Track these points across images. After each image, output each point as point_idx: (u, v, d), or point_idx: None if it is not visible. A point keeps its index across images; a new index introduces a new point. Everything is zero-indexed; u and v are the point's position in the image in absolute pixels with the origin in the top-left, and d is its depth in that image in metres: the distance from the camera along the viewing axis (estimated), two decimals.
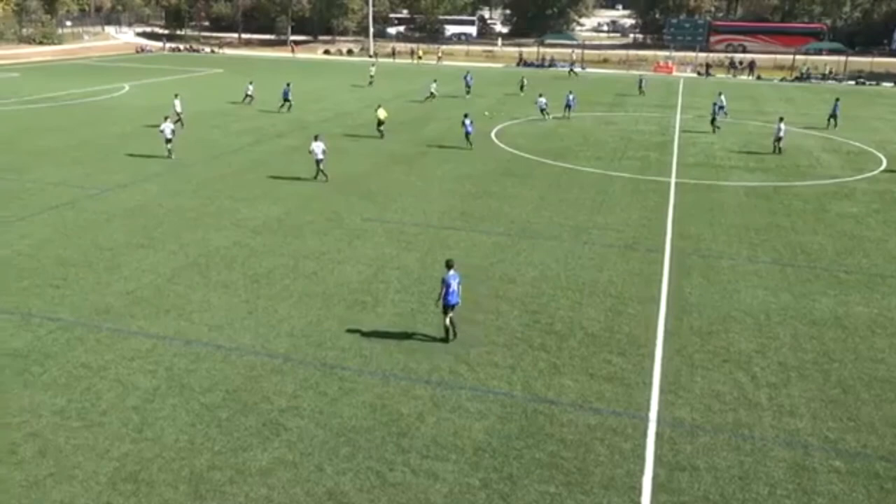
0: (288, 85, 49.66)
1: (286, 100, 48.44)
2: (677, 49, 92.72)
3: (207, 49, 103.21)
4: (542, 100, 47.82)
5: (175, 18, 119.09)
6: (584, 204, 28.27)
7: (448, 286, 16.30)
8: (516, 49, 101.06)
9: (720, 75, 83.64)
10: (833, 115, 47.51)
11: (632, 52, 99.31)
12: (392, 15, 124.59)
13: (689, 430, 13.75)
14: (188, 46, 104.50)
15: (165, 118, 34.76)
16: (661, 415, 14.15)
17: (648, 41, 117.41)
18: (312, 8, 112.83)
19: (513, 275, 20.90)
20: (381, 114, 40.44)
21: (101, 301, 18.45)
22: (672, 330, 17.73)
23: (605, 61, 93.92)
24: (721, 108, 48.05)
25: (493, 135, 42.02)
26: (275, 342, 16.57)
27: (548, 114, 47.70)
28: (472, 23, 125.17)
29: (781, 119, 39.71)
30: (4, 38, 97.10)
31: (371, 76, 66.82)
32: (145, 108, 48.53)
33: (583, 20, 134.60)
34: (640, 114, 52.53)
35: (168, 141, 33.63)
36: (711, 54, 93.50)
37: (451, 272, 16.43)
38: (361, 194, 28.83)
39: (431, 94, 55.14)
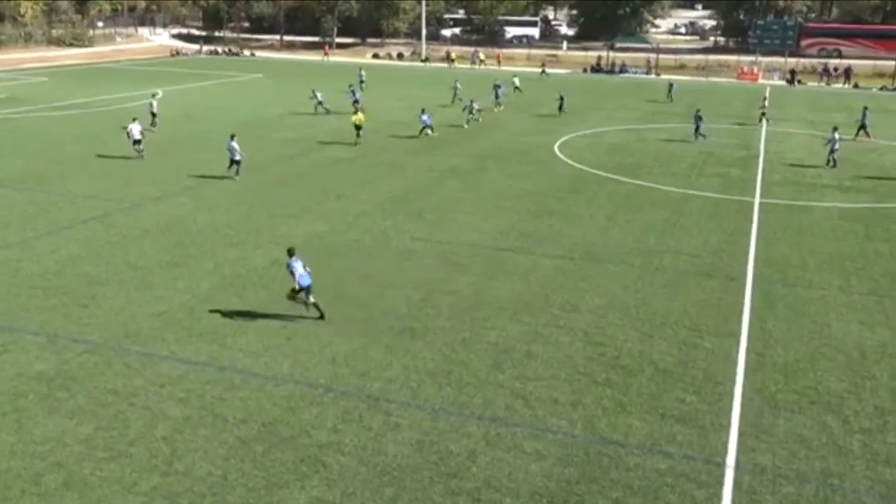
0: (352, 86, 52.31)
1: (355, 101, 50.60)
2: (763, 53, 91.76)
3: (247, 52, 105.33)
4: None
5: (213, 19, 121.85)
6: (657, 225, 28.17)
7: (295, 270, 18.75)
8: (583, 53, 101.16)
9: (811, 83, 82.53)
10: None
11: (712, 57, 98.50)
12: (447, 15, 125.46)
13: (772, 478, 13.60)
14: (226, 49, 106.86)
15: (133, 119, 36.12)
16: (739, 461, 14.02)
17: (731, 45, 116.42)
18: (361, 7, 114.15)
19: (575, 302, 20.92)
20: (358, 119, 41.41)
21: (131, 323, 18.99)
22: (753, 367, 17.55)
23: (681, 67, 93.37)
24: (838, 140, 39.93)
25: (556, 148, 42.14)
26: (315, 371, 16.86)
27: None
28: (534, 24, 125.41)
29: (836, 129, 39.22)
30: (33, 39, 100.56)
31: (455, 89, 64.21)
32: (180, 116, 49.79)
33: (658, 21, 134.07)
34: (720, 126, 52.11)
35: (137, 142, 35.32)
36: (802, 59, 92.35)
37: (294, 258, 18.92)
38: (411, 212, 29.17)
39: (497, 99, 55.81)
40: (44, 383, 16.07)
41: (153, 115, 43.70)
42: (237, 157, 32.86)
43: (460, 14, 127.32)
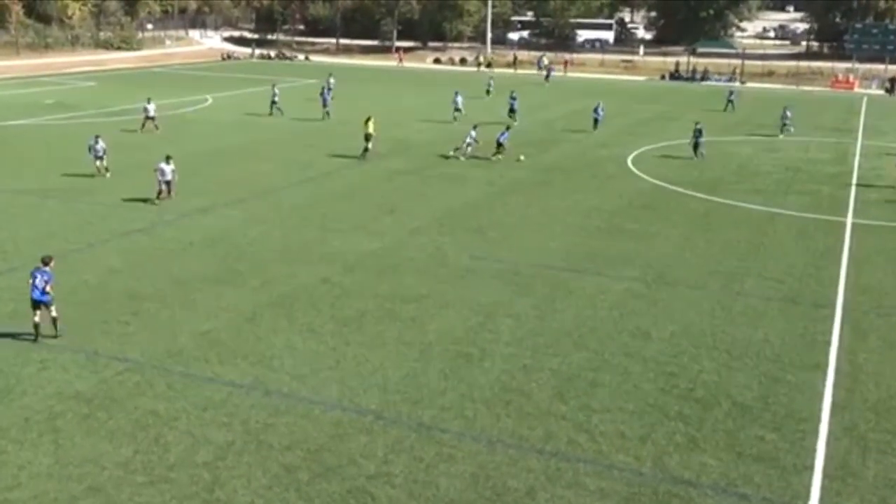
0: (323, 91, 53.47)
1: (512, 111, 52.50)
2: (861, 60, 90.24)
3: (301, 56, 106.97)
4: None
5: (267, 21, 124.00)
6: (738, 247, 27.89)
7: (33, 279, 18.70)
8: (661, 58, 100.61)
9: None
10: None
11: (803, 64, 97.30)
12: (514, 18, 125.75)
13: None
14: (279, 53, 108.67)
15: (97, 137, 35.73)
16: None
17: (825, 50, 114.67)
18: (422, 9, 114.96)
19: (647, 329, 20.82)
20: (370, 128, 41.03)
21: (174, 342, 19.43)
22: (841, 403, 17.26)
23: (770, 74, 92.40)
24: None
25: (629, 161, 41.99)
26: (364, 397, 17.04)
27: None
28: (608, 27, 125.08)
29: None
30: (80, 42, 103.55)
31: (489, 88, 68.09)
32: (230, 124, 50.87)
33: (744, 24, 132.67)
34: (811, 139, 51.40)
35: (99, 159, 35.44)
36: None
37: (43, 268, 18.92)
38: (471, 228, 29.35)
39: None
40: (83, 403, 16.51)
41: (151, 118, 46.44)
42: (168, 178, 31.41)
43: (529, 16, 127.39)
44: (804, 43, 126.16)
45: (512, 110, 53.74)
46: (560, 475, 14.50)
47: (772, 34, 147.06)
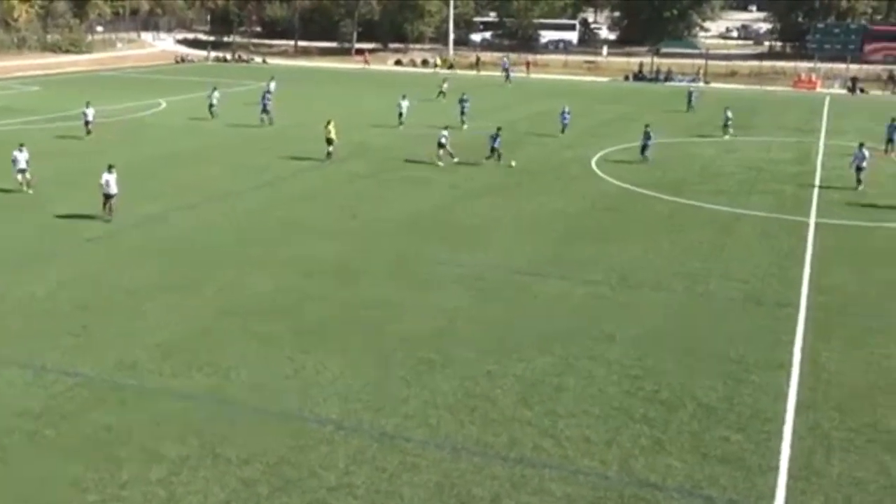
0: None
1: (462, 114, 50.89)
2: (823, 60, 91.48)
3: (258, 59, 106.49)
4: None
5: (222, 23, 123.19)
6: (702, 248, 28.15)
7: None
8: (625, 59, 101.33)
9: (874, 92, 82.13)
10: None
11: (766, 64, 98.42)
12: (477, 18, 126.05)
13: None
14: (236, 56, 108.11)
15: (21, 145, 33.63)
16: None
17: (788, 50, 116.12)
18: (382, 10, 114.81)
19: (611, 332, 20.93)
20: (330, 132, 40.80)
21: (126, 354, 19.16)
22: (805, 403, 17.48)
23: (733, 74, 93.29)
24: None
25: (593, 163, 42.23)
26: (325, 406, 16.95)
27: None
28: (572, 28, 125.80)
29: (862, 145, 37.74)
30: (27, 45, 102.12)
31: (442, 89, 67.15)
32: (184, 128, 50.49)
33: (708, 24, 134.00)
34: (774, 139, 52.02)
35: (21, 171, 33.17)
36: (865, 66, 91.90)
37: None
38: (434, 232, 29.36)
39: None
40: (30, 420, 16.22)
41: (87, 123, 45.48)
42: (112, 191, 29.62)
43: (492, 17, 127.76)
44: (767, 43, 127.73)
45: (462, 113, 52.43)
46: (525, 482, 14.52)
47: (735, 34, 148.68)
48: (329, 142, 40.68)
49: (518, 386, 17.91)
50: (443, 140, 40.54)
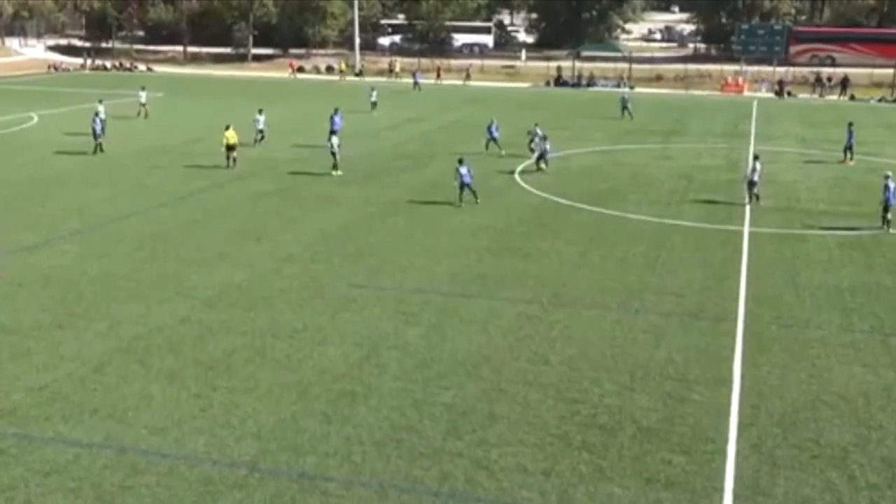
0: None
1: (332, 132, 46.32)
2: (749, 62, 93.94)
3: (143, 66, 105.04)
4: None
5: (100, 28, 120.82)
6: (635, 261, 28.66)
7: None
8: (545, 63, 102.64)
9: (803, 95, 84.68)
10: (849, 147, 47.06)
11: (692, 67, 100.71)
12: (385, 21, 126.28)
13: None
14: (117, 63, 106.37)
15: None
16: None
17: (713, 52, 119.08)
18: (280, 12, 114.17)
19: (544, 353, 21.16)
20: (231, 137, 41.53)
21: (6, 399, 18.58)
22: (747, 420, 17.92)
23: (658, 78, 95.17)
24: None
25: (517, 175, 42.65)
26: (236, 447, 16.77)
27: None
28: (487, 30, 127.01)
29: (757, 157, 37.66)
30: None
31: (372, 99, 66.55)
32: (60, 144, 49.29)
33: (629, 26, 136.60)
34: (704, 145, 53.30)
35: None
36: (792, 68, 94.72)
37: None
38: (348, 254, 29.28)
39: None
40: None
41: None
42: None
43: (401, 19, 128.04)
44: (691, 45, 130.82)
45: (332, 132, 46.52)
46: None
47: (658, 36, 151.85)
48: (230, 148, 40.73)
49: (447, 415, 17.97)
50: (335, 149, 41.68)
